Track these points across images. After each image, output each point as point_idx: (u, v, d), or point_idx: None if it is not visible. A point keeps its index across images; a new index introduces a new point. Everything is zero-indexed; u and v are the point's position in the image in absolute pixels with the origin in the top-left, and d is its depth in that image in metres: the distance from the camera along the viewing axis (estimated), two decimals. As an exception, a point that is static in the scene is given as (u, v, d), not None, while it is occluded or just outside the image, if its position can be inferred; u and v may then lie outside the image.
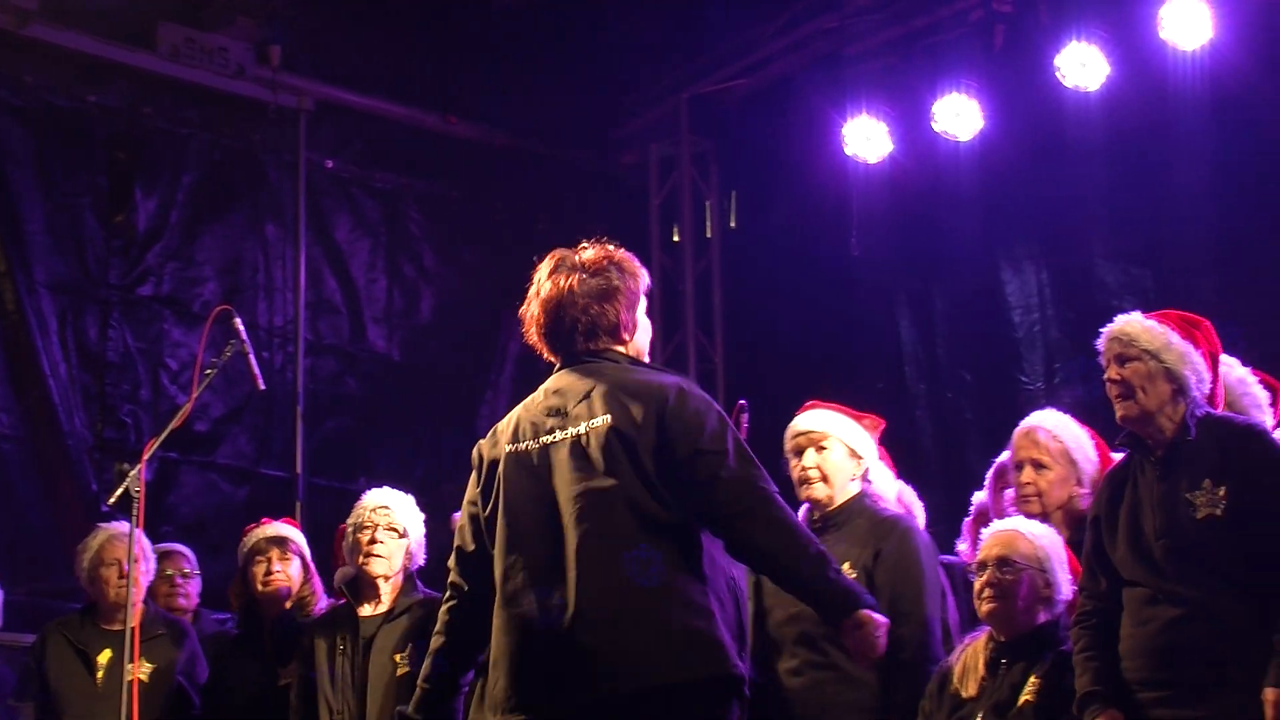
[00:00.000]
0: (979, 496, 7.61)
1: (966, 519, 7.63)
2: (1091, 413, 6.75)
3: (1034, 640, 6.09)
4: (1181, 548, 5.54)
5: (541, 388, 5.39)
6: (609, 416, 5.13)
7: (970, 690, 6.14)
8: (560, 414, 5.23)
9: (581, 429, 5.17)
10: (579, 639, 4.97)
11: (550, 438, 5.22)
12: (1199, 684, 5.46)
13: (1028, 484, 6.56)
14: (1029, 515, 6.49)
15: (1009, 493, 6.73)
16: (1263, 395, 6.32)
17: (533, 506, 5.18)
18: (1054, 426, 6.62)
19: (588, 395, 5.20)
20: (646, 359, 5.49)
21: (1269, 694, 5.29)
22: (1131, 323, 5.84)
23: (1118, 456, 6.11)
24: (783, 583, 5.22)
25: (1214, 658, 5.44)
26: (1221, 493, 5.52)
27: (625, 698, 4.94)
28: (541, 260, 5.45)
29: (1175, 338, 5.76)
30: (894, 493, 7.12)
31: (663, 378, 5.25)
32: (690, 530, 5.12)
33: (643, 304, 5.47)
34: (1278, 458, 5.58)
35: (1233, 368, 6.32)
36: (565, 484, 5.13)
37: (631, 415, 5.11)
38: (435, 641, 5.51)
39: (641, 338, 5.47)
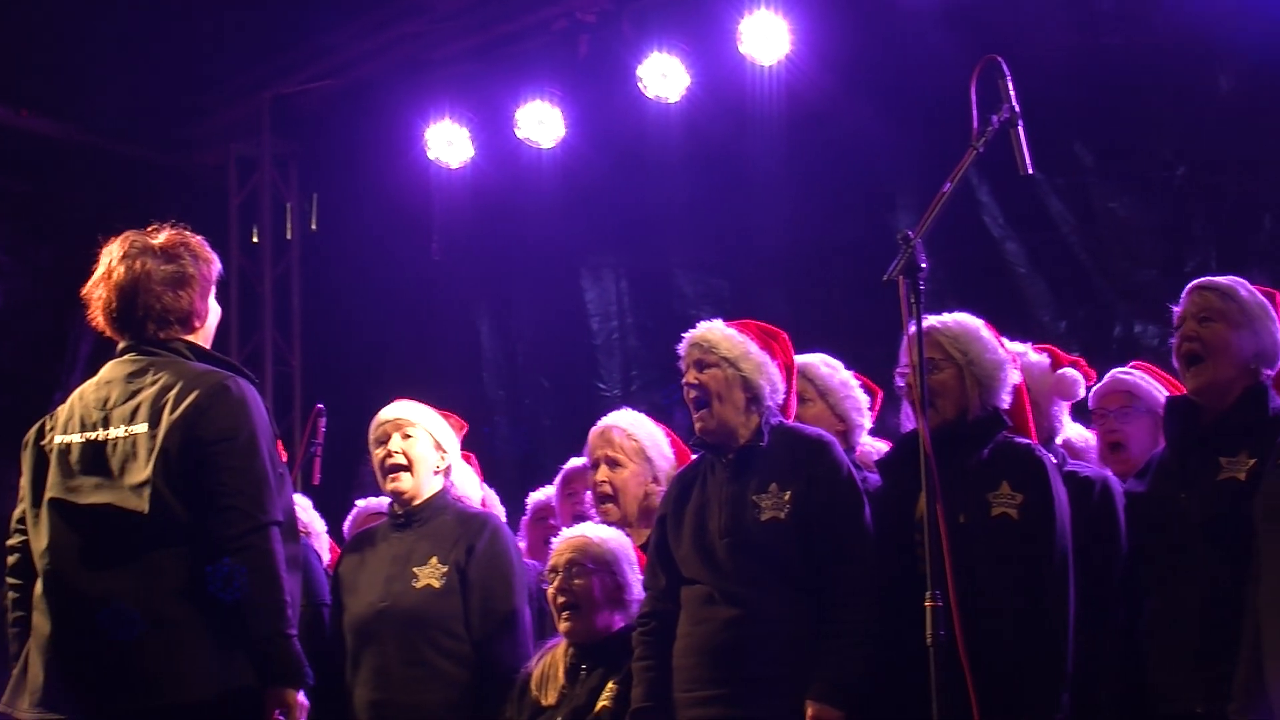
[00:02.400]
0: (535, 496, 7.67)
1: (524, 518, 7.69)
2: (669, 418, 6.83)
3: (612, 646, 6.15)
4: (744, 547, 5.65)
5: (99, 373, 5.26)
6: (146, 425, 5.01)
7: (550, 698, 6.17)
8: (104, 409, 5.11)
9: (120, 431, 5.05)
10: (125, 646, 4.87)
11: (93, 434, 5.09)
12: (754, 683, 5.57)
13: (603, 482, 6.61)
14: (606, 514, 6.56)
15: (589, 494, 6.78)
16: (864, 399, 6.49)
17: (67, 504, 5.05)
18: (629, 425, 6.69)
19: (135, 395, 5.09)
20: (209, 344, 5.36)
21: (810, 709, 5.45)
22: (712, 330, 5.93)
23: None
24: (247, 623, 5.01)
25: (769, 657, 5.56)
26: (787, 497, 5.64)
27: (177, 708, 4.86)
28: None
29: (754, 347, 5.87)
30: (479, 497, 7.13)
31: (217, 376, 5.12)
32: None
33: (213, 290, 5.36)
34: (841, 469, 5.72)
35: (836, 370, 6.47)
36: (91, 487, 5.02)
37: (172, 420, 4.99)
38: None
39: (210, 324, 5.36)
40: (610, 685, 6.05)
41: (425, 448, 6.69)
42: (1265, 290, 5.62)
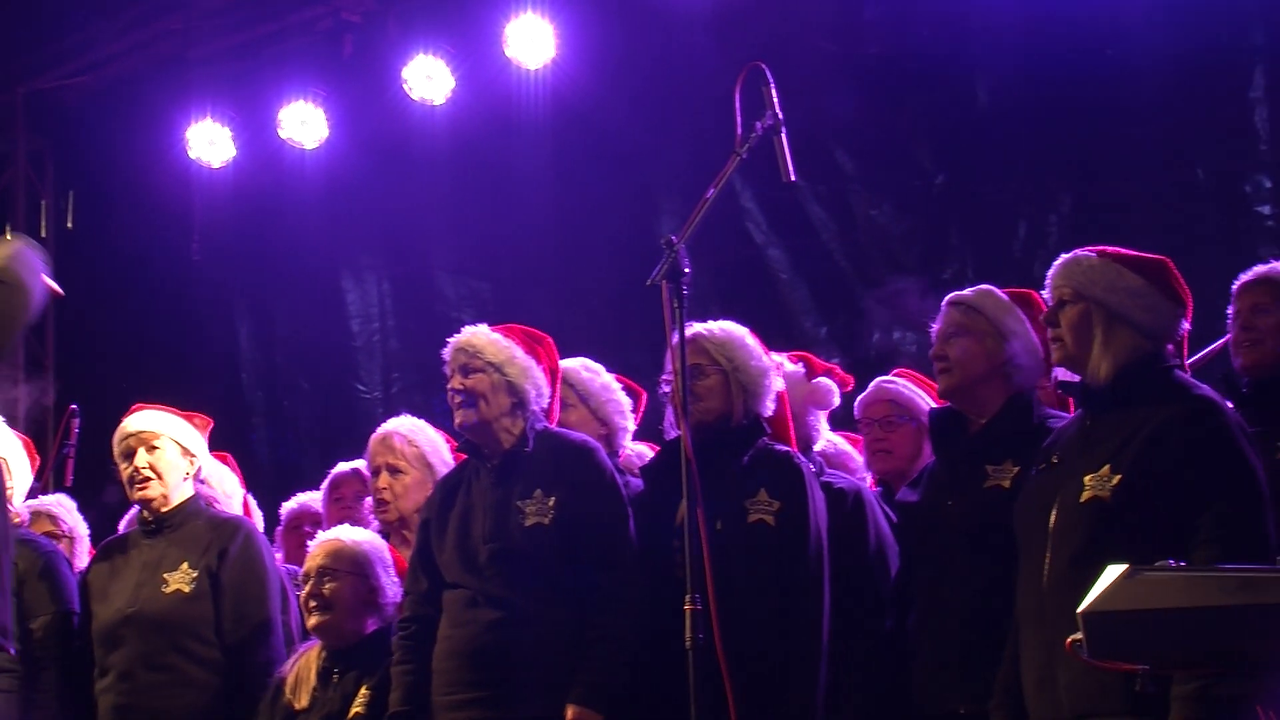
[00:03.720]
0: (289, 505, 7.61)
1: (279, 527, 7.62)
2: (432, 421, 6.81)
3: (365, 650, 6.11)
4: (507, 552, 5.64)
5: None
6: None
7: (302, 701, 6.12)
8: None
9: None
10: None
11: None
12: (514, 686, 5.56)
13: (384, 489, 6.56)
14: (386, 521, 6.53)
15: (368, 500, 6.73)
16: (626, 402, 6.49)
17: None
18: (409, 431, 6.64)
19: None
20: None
21: (570, 712, 5.46)
22: (478, 335, 5.90)
23: None
24: None
25: (530, 660, 5.55)
26: (551, 503, 5.65)
27: None
28: None
29: (519, 352, 5.86)
30: (240, 496, 7.07)
31: None
32: None
33: None
34: (605, 475, 5.74)
35: (598, 374, 6.47)
36: None
37: None
38: None
39: None
40: (364, 690, 6.01)
41: (172, 456, 6.61)
42: (1019, 292, 5.71)
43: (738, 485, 5.62)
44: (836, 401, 6.37)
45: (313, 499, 7.60)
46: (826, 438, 6.55)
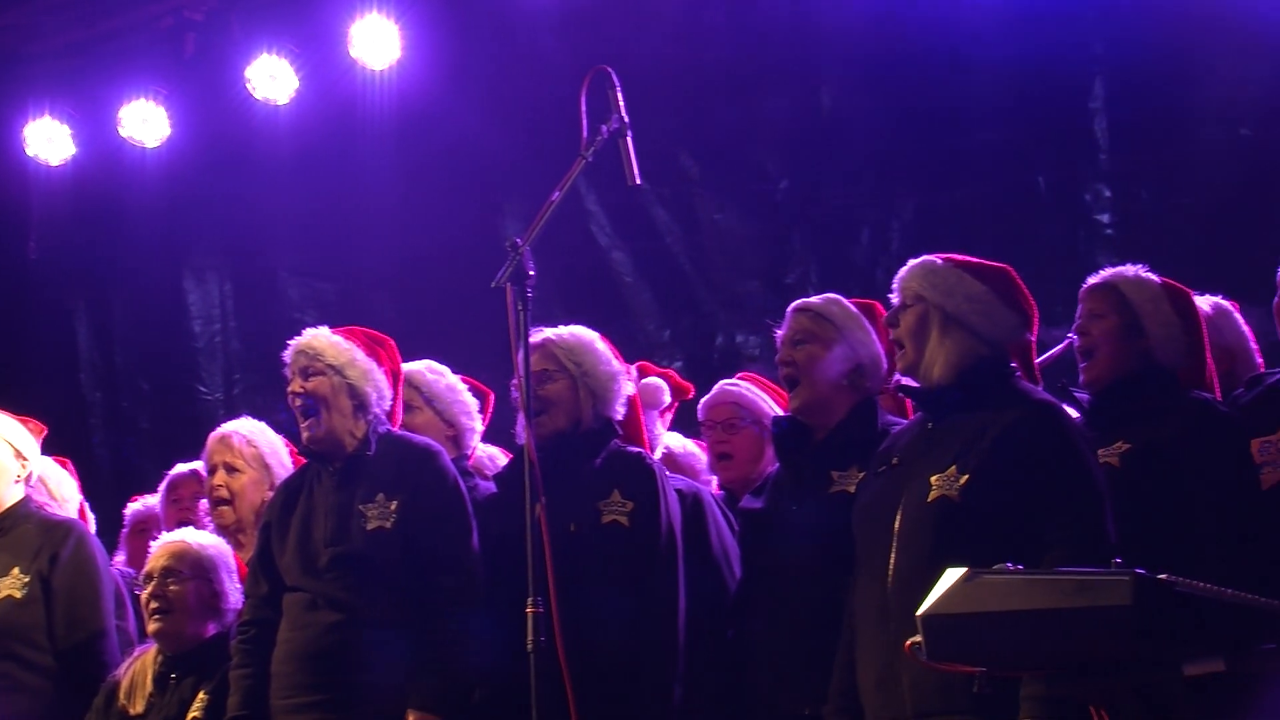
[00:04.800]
0: (134, 506, 7.54)
1: (124, 530, 7.53)
2: (275, 423, 6.76)
3: (204, 654, 6.06)
4: (348, 556, 5.63)
5: None
6: None
7: (138, 707, 6.08)
8: None
9: None
10: None
11: None
12: (354, 689, 5.56)
13: (219, 487, 6.52)
14: (222, 521, 6.49)
15: (204, 501, 6.68)
16: (473, 403, 6.48)
17: None
18: (249, 432, 6.62)
19: None
20: None
21: (410, 716, 5.48)
22: (318, 337, 5.89)
23: None
24: None
25: (370, 663, 5.56)
26: (393, 506, 5.65)
27: None
28: None
29: (360, 354, 5.85)
30: (77, 501, 6.99)
31: None
32: None
33: None
34: (448, 479, 5.76)
35: (443, 375, 6.46)
36: None
37: None
38: None
39: None
40: (201, 695, 5.97)
41: (4, 457, 6.52)
42: (863, 302, 5.78)
43: (590, 487, 5.66)
44: (665, 400, 6.42)
45: (157, 501, 7.52)
46: (667, 443, 6.58)
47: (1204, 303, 5.88)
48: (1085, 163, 9.02)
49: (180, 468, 7.29)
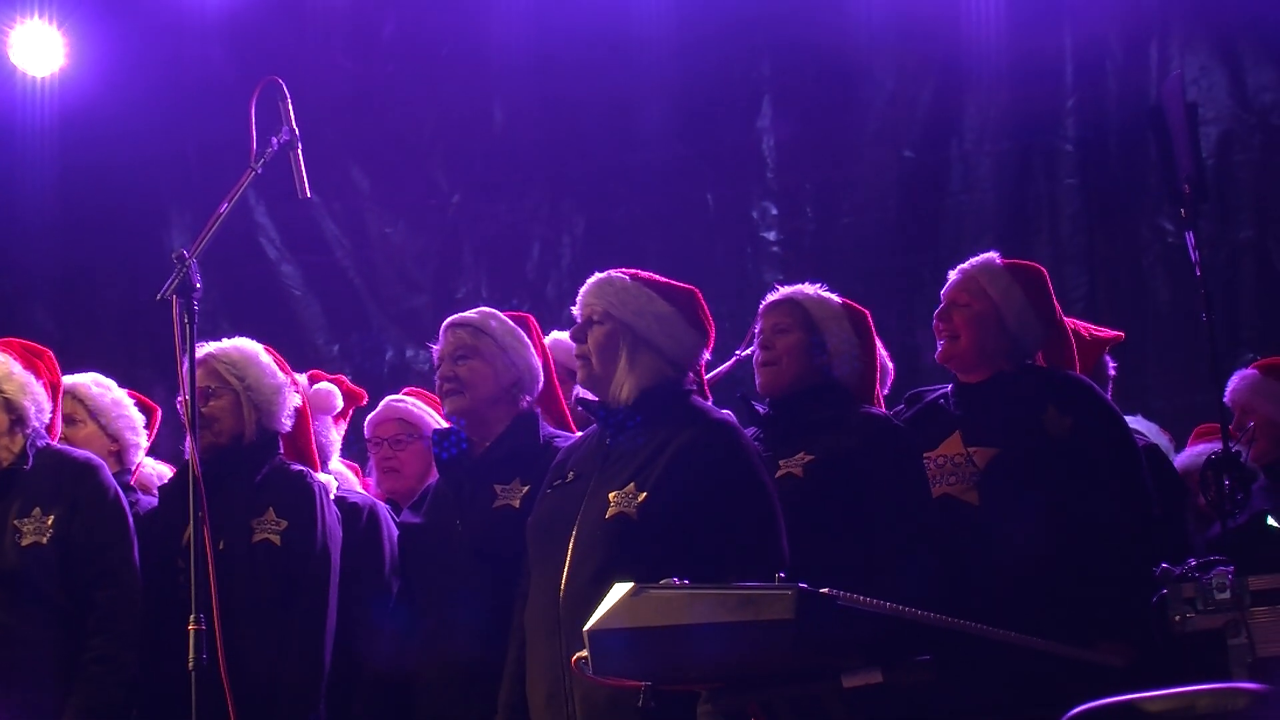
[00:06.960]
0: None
1: None
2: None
3: None
4: (2, 572, 5.49)
5: None
6: None
7: None
8: None
9: None
10: None
11: None
12: (7, 708, 5.40)
13: None
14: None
15: None
16: (139, 418, 6.33)
17: None
18: None
19: None
20: None
21: None
22: (-29, 354, 5.74)
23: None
24: None
25: (28, 683, 5.42)
26: (50, 521, 5.52)
27: None
28: None
29: (17, 367, 5.71)
30: None
31: None
32: None
33: None
34: (108, 493, 5.63)
35: (108, 390, 6.31)
36: None
37: None
38: None
39: None
40: None
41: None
42: (519, 315, 5.82)
43: (247, 504, 5.58)
44: (338, 404, 6.38)
45: None
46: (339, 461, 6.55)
47: None
48: (753, 181, 9.19)
49: None
